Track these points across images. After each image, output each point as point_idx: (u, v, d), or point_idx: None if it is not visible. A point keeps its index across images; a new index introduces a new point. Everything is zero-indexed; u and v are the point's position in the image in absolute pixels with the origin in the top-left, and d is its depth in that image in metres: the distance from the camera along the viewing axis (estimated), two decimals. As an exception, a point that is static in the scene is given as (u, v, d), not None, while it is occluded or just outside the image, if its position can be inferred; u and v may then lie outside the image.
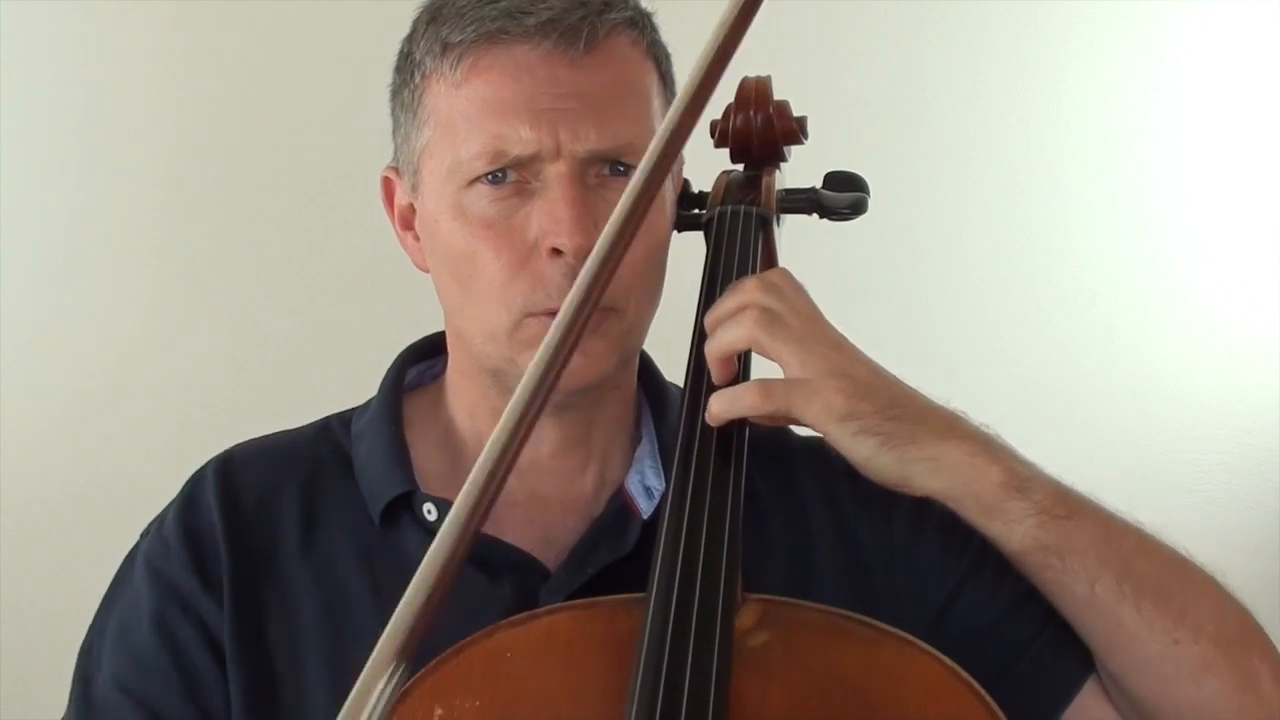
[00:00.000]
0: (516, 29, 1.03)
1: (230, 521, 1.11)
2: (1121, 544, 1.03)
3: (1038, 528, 1.00)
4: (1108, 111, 2.60)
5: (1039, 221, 2.58)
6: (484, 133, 1.03)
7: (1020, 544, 1.01)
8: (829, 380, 0.99)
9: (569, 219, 1.02)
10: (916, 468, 1.00)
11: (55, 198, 2.24)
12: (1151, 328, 2.65)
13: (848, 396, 0.99)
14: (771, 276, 1.07)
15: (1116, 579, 1.01)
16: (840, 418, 0.99)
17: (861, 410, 0.99)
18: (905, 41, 2.50)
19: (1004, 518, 1.00)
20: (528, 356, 1.04)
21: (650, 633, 0.92)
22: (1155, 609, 1.01)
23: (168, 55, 2.24)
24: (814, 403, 0.99)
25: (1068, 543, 1.01)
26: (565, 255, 1.02)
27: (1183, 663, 1.01)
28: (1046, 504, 1.01)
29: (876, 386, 1.01)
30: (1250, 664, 1.02)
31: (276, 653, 1.08)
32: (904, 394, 1.03)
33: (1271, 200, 2.67)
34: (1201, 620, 1.01)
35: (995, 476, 1.00)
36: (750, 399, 1.00)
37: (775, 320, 1.01)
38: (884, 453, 0.99)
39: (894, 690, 0.94)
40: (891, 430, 0.99)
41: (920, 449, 0.99)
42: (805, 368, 1.00)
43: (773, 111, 1.23)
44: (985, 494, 1.00)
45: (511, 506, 1.12)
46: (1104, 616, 1.02)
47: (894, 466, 1.00)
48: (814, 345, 1.01)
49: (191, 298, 2.27)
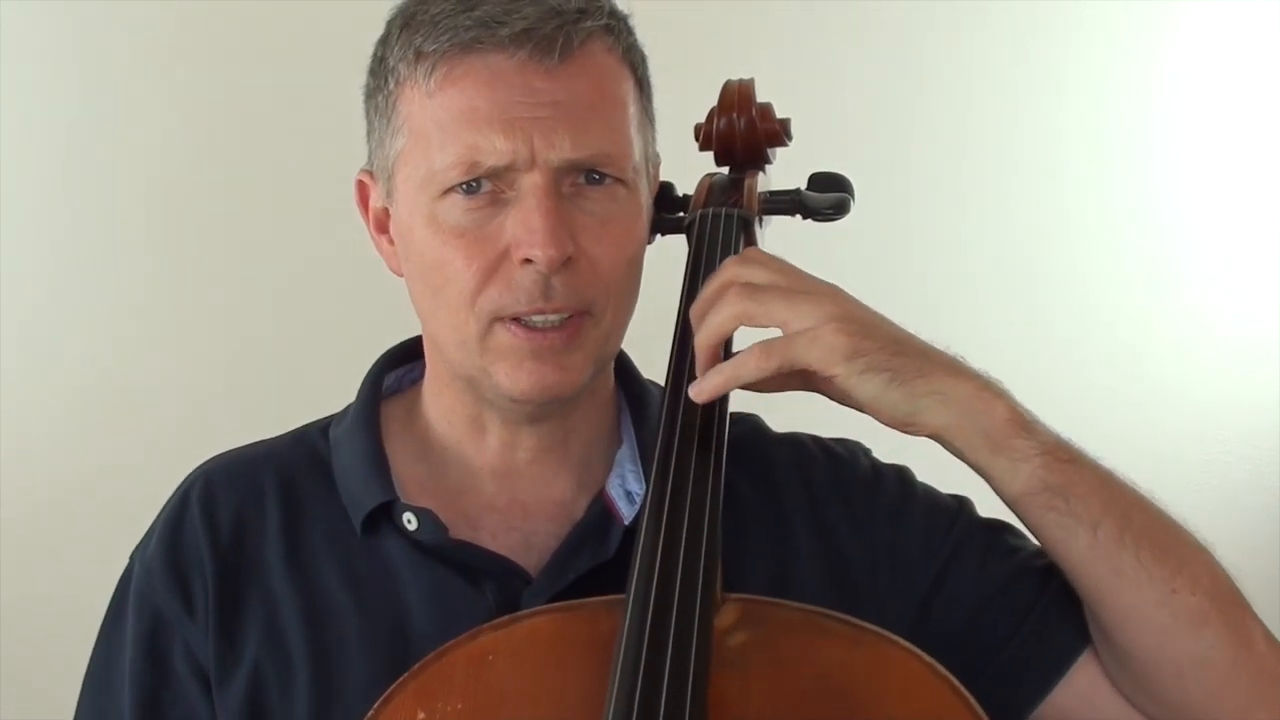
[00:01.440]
0: (491, 39, 1.02)
1: (214, 542, 1.11)
2: (1121, 494, 1.02)
3: (1043, 468, 0.99)
4: (1107, 110, 2.60)
5: (1037, 222, 2.58)
6: (458, 143, 1.02)
7: (1025, 484, 1.00)
8: (829, 324, 0.97)
9: (542, 230, 1.01)
10: (925, 401, 0.98)
11: (51, 199, 2.25)
12: (1151, 328, 2.65)
13: (850, 335, 0.97)
14: (746, 252, 1.07)
15: (1117, 526, 1.00)
16: (846, 357, 0.97)
17: (866, 347, 0.97)
18: (897, 42, 2.50)
19: (1010, 454, 0.99)
20: (501, 368, 1.05)
21: (628, 633, 0.93)
22: (1154, 558, 1.00)
23: (163, 56, 2.25)
24: (816, 347, 0.97)
25: (1071, 485, 1.00)
26: (537, 265, 1.02)
27: (1180, 612, 1.00)
28: (1050, 445, 1.00)
29: (877, 325, 1.00)
30: (1244, 622, 1.02)
31: (262, 669, 1.08)
32: (905, 333, 1.02)
33: (1271, 200, 2.67)
34: (1198, 574, 1.01)
35: (1002, 412, 0.99)
36: (752, 362, 0.99)
37: (759, 289, 1.00)
38: (893, 388, 0.98)
39: (874, 688, 0.95)
40: (899, 365, 0.98)
41: (928, 383, 0.98)
42: (802, 319, 0.98)
43: (755, 114, 1.23)
44: (993, 429, 0.99)
45: (491, 512, 1.13)
46: (1106, 563, 1.01)
47: (903, 401, 0.98)
48: (805, 297, 1.00)
49: (188, 298, 2.28)
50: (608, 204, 1.06)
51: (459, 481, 1.14)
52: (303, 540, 1.12)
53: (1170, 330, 2.66)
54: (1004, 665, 1.08)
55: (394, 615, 1.08)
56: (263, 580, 1.10)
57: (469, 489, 1.14)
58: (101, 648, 1.15)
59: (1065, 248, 2.60)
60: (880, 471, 1.19)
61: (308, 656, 1.07)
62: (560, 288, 1.03)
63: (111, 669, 1.13)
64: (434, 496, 1.13)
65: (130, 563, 1.16)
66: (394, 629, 1.07)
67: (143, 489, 1.27)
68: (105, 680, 1.13)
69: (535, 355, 1.05)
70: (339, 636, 1.08)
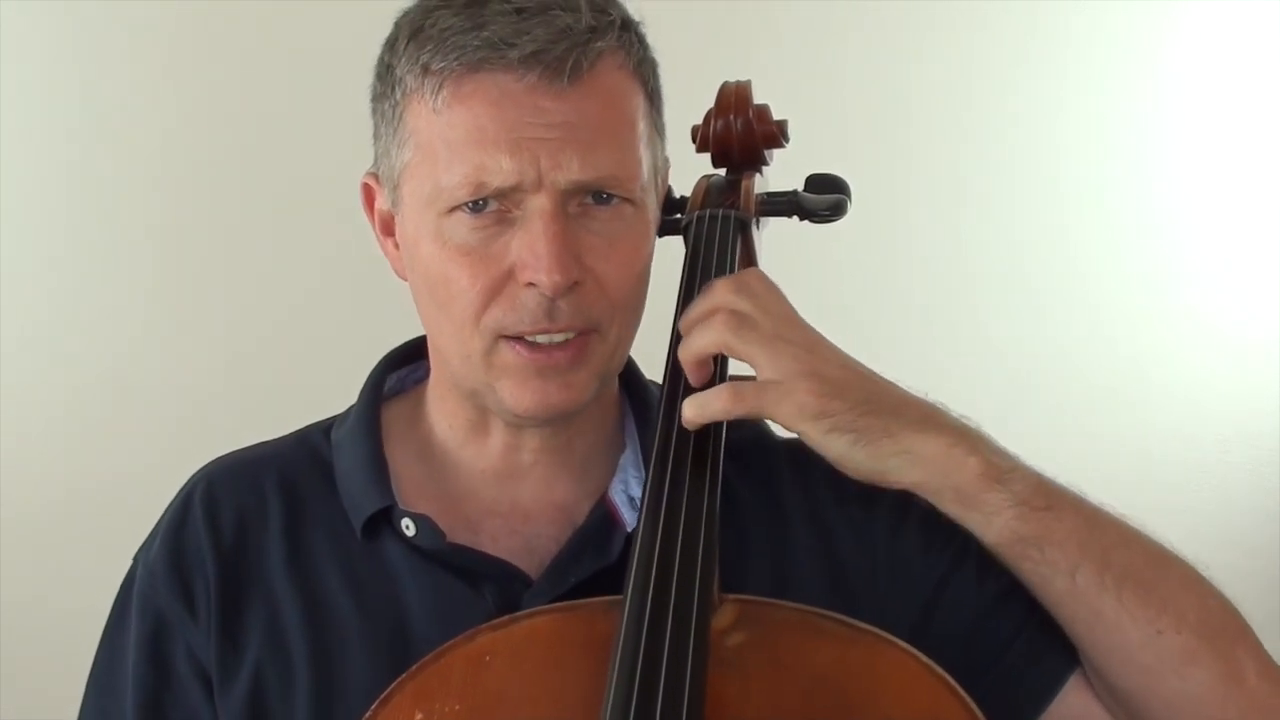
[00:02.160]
0: (500, 60, 1.00)
1: (216, 544, 1.11)
2: (1102, 535, 1.02)
3: (1016, 519, 1.00)
4: (1107, 111, 2.60)
5: (1036, 223, 2.58)
6: (465, 162, 1.01)
7: (998, 536, 1.01)
8: (800, 381, 0.99)
9: (548, 256, 1.00)
10: (892, 461, 0.99)
11: (52, 200, 2.26)
12: (1151, 330, 2.65)
13: (819, 396, 0.98)
14: (743, 277, 1.07)
15: (1097, 570, 1.00)
16: (813, 417, 0.98)
17: (833, 409, 0.98)
18: (896, 43, 2.51)
19: (983, 509, 1.00)
20: (505, 386, 1.05)
21: (625, 634, 0.93)
22: (1136, 600, 1.00)
23: (163, 56, 2.26)
24: (785, 403, 0.99)
25: (1047, 534, 1.00)
26: (542, 289, 1.01)
27: (1165, 653, 1.00)
28: (1025, 495, 1.00)
29: (849, 384, 1.01)
30: (1235, 656, 1.02)
31: (264, 670, 1.08)
32: (879, 389, 1.02)
33: (1271, 201, 2.67)
34: (1184, 611, 1.01)
35: (973, 468, 1.00)
36: (721, 403, 1.00)
37: (745, 322, 1.01)
38: (858, 449, 0.99)
39: (871, 688, 0.95)
40: (865, 426, 0.99)
41: (895, 442, 0.99)
42: (776, 369, 0.99)
43: (753, 116, 1.23)
44: (963, 485, 1.00)
45: (492, 516, 1.13)
46: (1085, 607, 1.01)
47: (869, 461, 0.99)
48: (784, 346, 1.00)
49: (190, 299, 2.29)
50: (615, 224, 1.05)
51: (460, 485, 1.14)
52: (304, 542, 1.12)
53: (1170, 331, 2.66)
54: (996, 682, 1.07)
55: (395, 617, 1.08)
56: (264, 582, 1.10)
57: (470, 492, 1.14)
58: (104, 649, 1.15)
59: (1065, 248, 2.61)
60: None
61: (309, 658, 1.07)
62: (566, 309, 1.03)
63: (114, 671, 1.13)
64: (434, 500, 1.13)
65: (133, 564, 1.16)
66: (395, 631, 1.07)
67: (144, 490, 1.27)
68: (108, 682, 1.13)
69: (540, 374, 1.04)
70: (340, 638, 1.08)
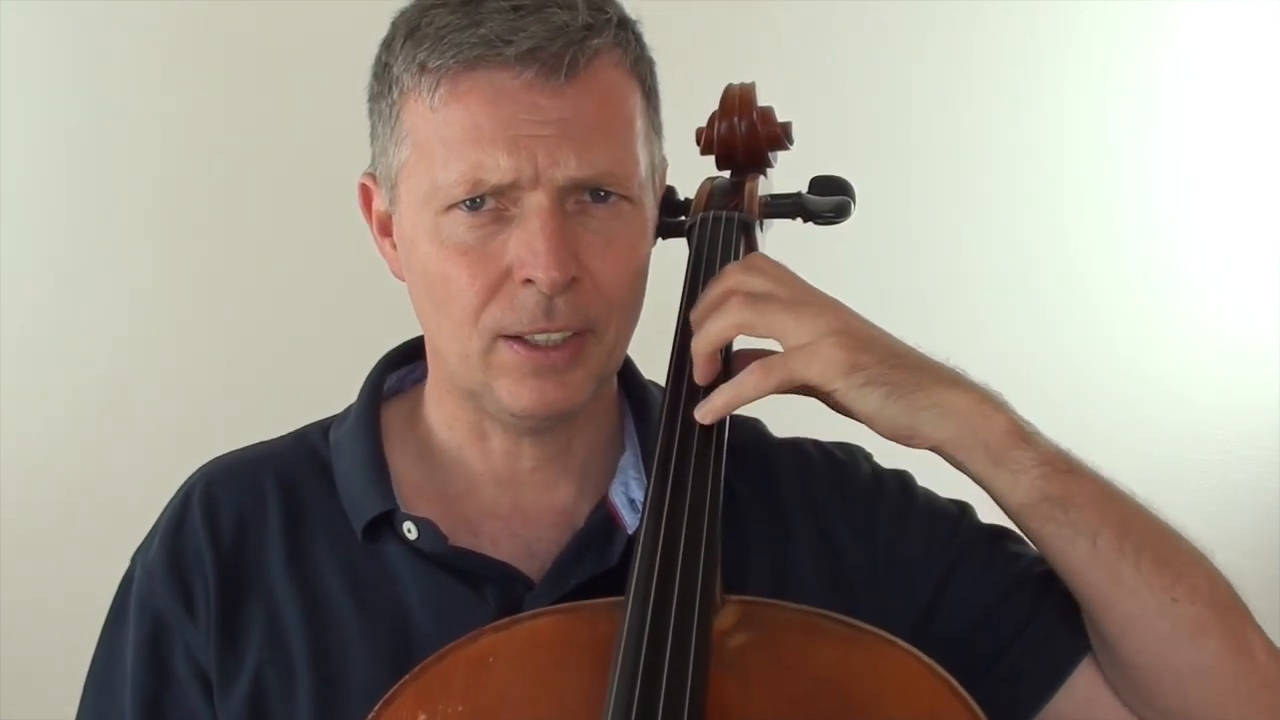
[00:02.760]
0: (496, 58, 1.00)
1: (215, 544, 1.11)
2: (1120, 504, 1.03)
3: (1042, 478, 1.00)
4: (1107, 111, 2.60)
5: (1037, 223, 2.58)
6: (462, 160, 1.01)
7: (1025, 495, 1.00)
8: (827, 339, 0.98)
9: (545, 252, 1.00)
10: (925, 415, 0.99)
11: (52, 200, 2.25)
12: (1151, 329, 2.65)
13: (849, 350, 0.98)
14: (750, 258, 1.07)
15: (1117, 535, 1.00)
16: (845, 372, 0.98)
17: (864, 361, 0.98)
18: (897, 44, 2.50)
19: (1010, 466, 1.00)
20: (503, 385, 1.05)
21: (627, 635, 0.93)
22: (1153, 567, 1.00)
23: (163, 56, 2.25)
24: (815, 363, 0.98)
25: (1070, 496, 1.00)
26: (540, 286, 1.01)
27: (1180, 621, 1.00)
28: (1049, 456, 1.01)
29: (876, 339, 1.01)
30: (1244, 631, 1.02)
31: (264, 672, 1.08)
32: (904, 347, 1.03)
33: (1271, 201, 2.67)
34: (1197, 583, 1.01)
35: (1002, 424, 1.00)
36: (752, 381, 1.00)
37: (761, 298, 1.01)
38: (892, 402, 0.98)
39: (873, 688, 0.95)
40: (898, 379, 0.99)
41: (928, 395, 0.99)
42: (801, 333, 0.99)
43: (757, 118, 1.23)
44: (993, 441, 0.99)
45: (493, 518, 1.13)
46: (1105, 572, 1.01)
47: (903, 415, 0.99)
48: (806, 309, 1.00)
49: (189, 299, 2.29)
50: (612, 222, 1.05)
51: (460, 487, 1.14)
52: (304, 543, 1.12)
53: (1170, 330, 2.66)
54: (1004, 672, 1.08)
55: (396, 618, 1.08)
56: (264, 583, 1.10)
57: (470, 495, 1.14)
58: (103, 650, 1.15)
59: (1066, 248, 2.61)
60: (881, 477, 1.19)
61: (309, 659, 1.07)
62: (563, 307, 1.03)
63: (113, 671, 1.13)
64: (435, 502, 1.13)
65: (131, 565, 1.16)
66: (396, 632, 1.07)
67: (143, 490, 1.27)
68: (106, 683, 1.13)
69: (537, 373, 1.04)
70: (340, 639, 1.08)
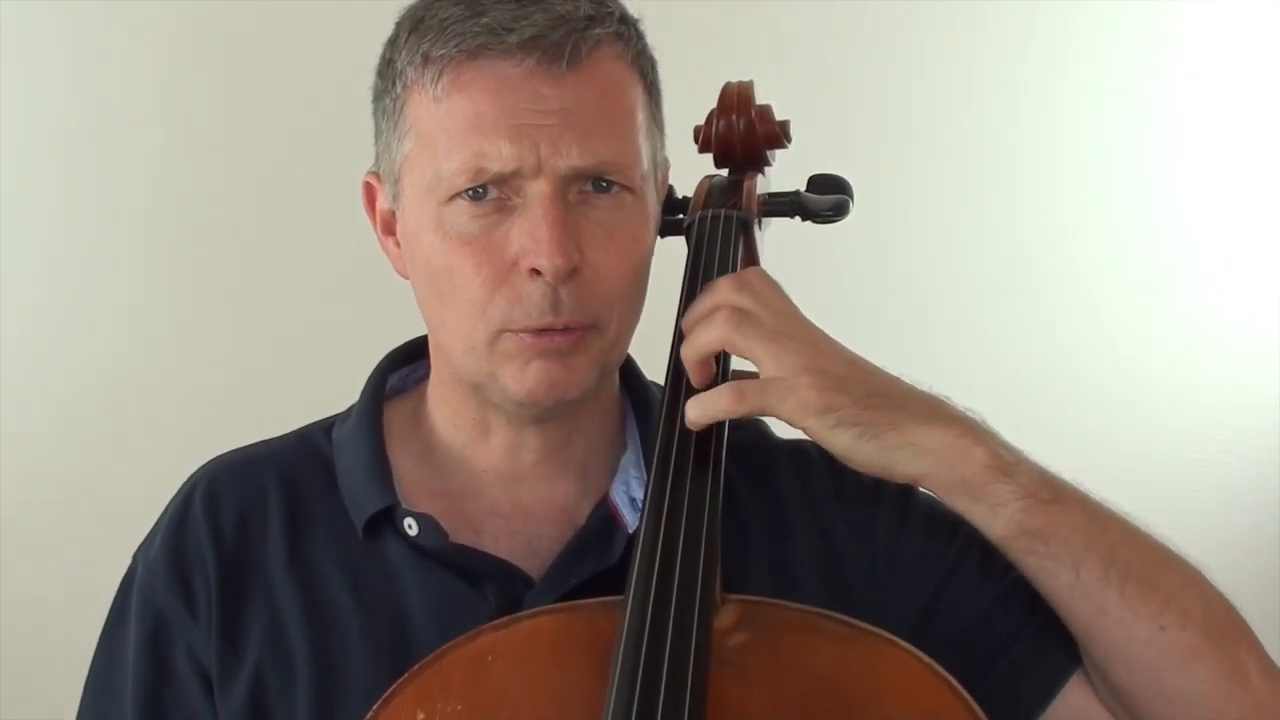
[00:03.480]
0: (499, 46, 1.01)
1: (217, 543, 1.11)
2: (1107, 531, 1.02)
3: (1022, 512, 0.99)
4: (1107, 111, 2.60)
5: (1037, 223, 2.58)
6: (464, 149, 1.01)
7: (1005, 528, 1.00)
8: (803, 377, 0.98)
9: (549, 240, 1.01)
10: (899, 454, 0.99)
11: (52, 200, 2.25)
12: (1152, 328, 2.65)
13: (821, 391, 0.98)
14: (745, 275, 1.07)
15: (1101, 565, 1.00)
16: (817, 412, 0.98)
17: (837, 403, 0.98)
18: (897, 43, 2.50)
19: (989, 501, 0.99)
20: (508, 371, 1.05)
21: (627, 634, 0.93)
22: (1140, 595, 1.00)
23: (164, 56, 2.25)
24: (789, 400, 0.98)
25: (1052, 528, 1.00)
26: (544, 275, 1.02)
27: (1168, 649, 1.00)
28: (1032, 488, 1.00)
29: (852, 379, 1.00)
30: (1237, 655, 1.01)
31: (264, 670, 1.08)
32: (883, 383, 1.02)
33: (1272, 201, 2.67)
34: (1188, 609, 1.00)
35: (980, 459, 0.99)
36: (725, 402, 1.00)
37: (747, 319, 1.01)
38: (864, 442, 0.99)
39: (873, 688, 0.95)
40: (870, 419, 0.98)
41: (901, 434, 0.99)
42: (779, 365, 0.99)
43: (755, 116, 1.23)
44: (970, 477, 0.99)
45: (494, 516, 1.13)
46: (1089, 602, 1.01)
47: (876, 454, 0.99)
48: (786, 342, 1.00)
49: (190, 298, 2.28)
50: (615, 212, 1.05)
51: (462, 485, 1.14)
52: (305, 541, 1.12)
53: (1170, 330, 2.66)
54: (997, 681, 1.07)
55: (396, 617, 1.08)
56: (265, 581, 1.10)
57: (472, 492, 1.14)
58: (104, 649, 1.15)
59: (1065, 248, 2.60)
60: (882, 481, 1.19)
61: (309, 658, 1.07)
62: (568, 300, 1.03)
63: (114, 670, 1.13)
64: (436, 500, 1.13)
65: (133, 563, 1.16)
66: (396, 631, 1.07)
67: (144, 489, 1.27)
68: (107, 681, 1.13)
69: (542, 355, 1.04)
70: (341, 638, 1.08)
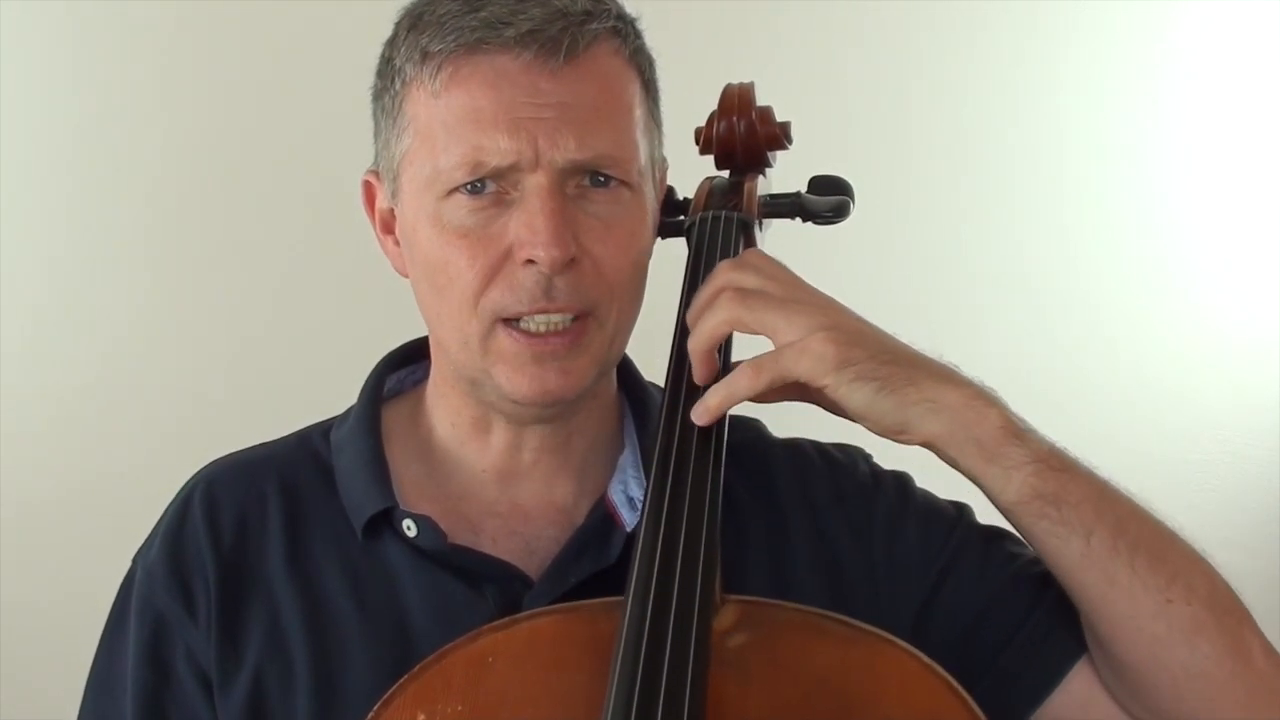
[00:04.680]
0: (496, 40, 1.02)
1: (216, 545, 1.11)
2: (1115, 503, 1.02)
3: (1035, 475, 0.99)
4: (1107, 111, 2.60)
5: (1037, 223, 2.58)
6: (463, 143, 1.02)
7: (1018, 492, 0.99)
8: (817, 334, 0.98)
9: (546, 231, 1.01)
10: (916, 410, 0.98)
11: (52, 200, 2.26)
12: (1152, 328, 2.65)
13: (838, 345, 0.97)
14: (744, 255, 1.07)
15: (1111, 534, 0.99)
16: (835, 367, 0.97)
17: (855, 356, 0.97)
18: (897, 44, 2.51)
19: (1003, 463, 0.99)
20: (502, 370, 1.05)
21: (627, 635, 0.93)
22: (1148, 567, 0.99)
23: (164, 56, 2.26)
24: (805, 358, 0.98)
25: (1064, 493, 0.99)
26: (540, 265, 1.02)
27: (1175, 622, 0.99)
28: (1043, 454, 1.00)
29: (867, 335, 1.00)
30: (1241, 634, 1.01)
31: (264, 672, 1.08)
32: (896, 343, 1.02)
33: (1271, 201, 2.68)
34: (1193, 583, 1.00)
35: (995, 420, 0.98)
36: (744, 380, 0.99)
37: (752, 294, 1.01)
38: (883, 397, 0.98)
39: (872, 688, 0.95)
40: (888, 374, 0.98)
41: (919, 391, 0.98)
42: (791, 329, 0.99)
43: (755, 117, 1.23)
44: (985, 437, 0.98)
45: (492, 517, 1.13)
46: (1098, 571, 1.00)
47: (894, 410, 0.98)
48: (796, 306, 1.00)
49: (189, 300, 2.29)
50: (612, 206, 1.06)
51: (460, 486, 1.14)
52: (304, 543, 1.12)
53: (1170, 330, 2.66)
54: (1000, 672, 1.08)
55: (395, 618, 1.08)
56: (264, 583, 1.10)
57: (470, 493, 1.14)
58: (104, 651, 1.15)
59: (1065, 248, 2.61)
60: (880, 477, 1.19)
61: (309, 660, 1.07)
62: (563, 288, 1.03)
63: (114, 672, 1.13)
64: (435, 501, 1.13)
65: (132, 566, 1.16)
66: (395, 632, 1.08)
67: (144, 491, 1.27)
68: (107, 683, 1.13)
69: (536, 360, 1.05)
70: (340, 640, 1.08)
